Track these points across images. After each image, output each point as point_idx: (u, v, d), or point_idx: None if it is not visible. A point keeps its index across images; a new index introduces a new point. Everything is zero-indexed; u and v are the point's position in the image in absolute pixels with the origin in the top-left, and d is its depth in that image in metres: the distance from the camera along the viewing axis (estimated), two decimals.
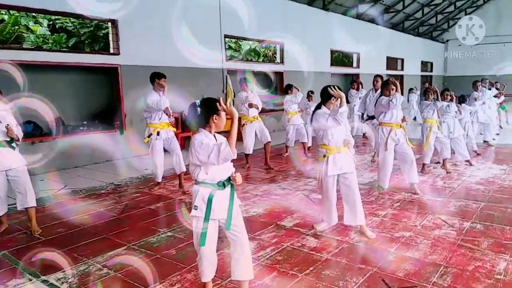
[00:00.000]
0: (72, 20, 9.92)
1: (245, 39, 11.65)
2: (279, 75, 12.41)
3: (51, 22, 10.48)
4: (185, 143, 9.01)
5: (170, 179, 6.03)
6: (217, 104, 2.42)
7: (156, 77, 5.16)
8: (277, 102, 11.57)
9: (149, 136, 5.26)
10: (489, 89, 9.43)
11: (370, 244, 3.55)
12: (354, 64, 16.98)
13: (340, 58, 17.68)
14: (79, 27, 10.05)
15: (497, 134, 9.76)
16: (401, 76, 20.92)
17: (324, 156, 3.71)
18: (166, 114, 5.28)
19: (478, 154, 7.55)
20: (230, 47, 14.73)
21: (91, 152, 7.42)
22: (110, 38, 7.84)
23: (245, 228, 2.58)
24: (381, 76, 11.80)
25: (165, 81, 5.16)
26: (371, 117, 6.68)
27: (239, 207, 2.57)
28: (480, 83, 8.47)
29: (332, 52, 15.17)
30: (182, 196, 5.24)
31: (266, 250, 3.45)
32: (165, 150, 5.41)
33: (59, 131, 7.10)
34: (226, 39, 10.64)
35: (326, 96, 3.68)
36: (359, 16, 16.72)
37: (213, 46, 9.81)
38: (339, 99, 3.57)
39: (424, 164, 6.25)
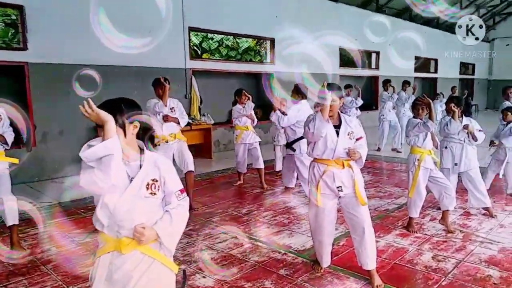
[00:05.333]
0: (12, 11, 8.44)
1: (218, 33, 9.63)
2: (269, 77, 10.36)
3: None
4: None
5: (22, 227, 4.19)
6: None
7: None
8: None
9: None
10: None
11: None
12: (373, 65, 14.55)
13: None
14: (15, 19, 8.57)
15: None
16: (435, 79, 18.18)
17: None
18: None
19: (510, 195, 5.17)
20: (227, 46, 12.86)
21: None
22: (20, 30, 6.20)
23: None
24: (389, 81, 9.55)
25: None
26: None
27: None
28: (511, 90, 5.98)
29: (342, 50, 12.88)
30: None
31: None
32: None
33: None
34: (192, 32, 8.75)
35: None
36: (380, 9, 14.31)
37: (172, 42, 7.97)
38: None
39: (410, 219, 4.02)
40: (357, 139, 2.91)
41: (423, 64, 17.06)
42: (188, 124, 7.84)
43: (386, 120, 8.98)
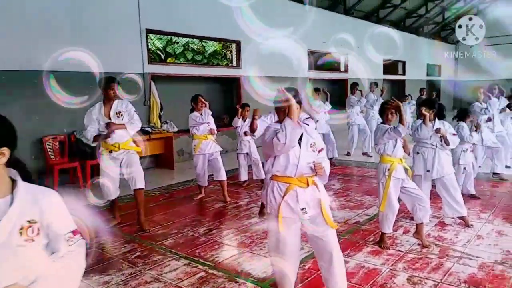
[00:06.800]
0: None
1: (179, 35, 9.07)
2: (236, 81, 9.96)
3: None
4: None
5: None
6: None
7: None
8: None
9: None
10: (497, 97, 6.65)
11: None
12: (342, 68, 14.39)
13: (328, 62, 15.07)
14: None
15: None
16: (403, 82, 18.26)
17: None
18: None
19: (476, 198, 4.95)
20: (193, 50, 12.34)
21: None
22: None
23: None
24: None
25: None
26: None
27: None
28: (482, 89, 5.80)
29: (311, 53, 12.62)
30: None
31: None
32: None
33: None
34: (155, 36, 8.22)
35: None
36: (347, 12, 14.18)
37: (127, 45, 7.42)
38: None
39: (383, 234, 3.66)
40: (319, 151, 2.51)
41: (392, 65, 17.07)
42: (148, 133, 7.30)
43: (355, 124, 8.72)
